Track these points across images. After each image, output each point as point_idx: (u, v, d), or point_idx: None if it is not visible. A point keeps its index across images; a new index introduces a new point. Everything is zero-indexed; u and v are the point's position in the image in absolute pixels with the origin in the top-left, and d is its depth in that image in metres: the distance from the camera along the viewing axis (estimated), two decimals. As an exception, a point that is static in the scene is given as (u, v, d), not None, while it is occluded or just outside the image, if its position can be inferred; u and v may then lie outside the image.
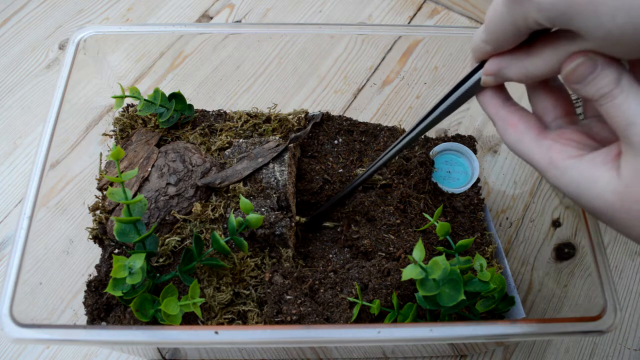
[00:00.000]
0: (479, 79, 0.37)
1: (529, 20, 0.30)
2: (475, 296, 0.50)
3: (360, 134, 0.67)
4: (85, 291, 0.55)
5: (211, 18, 0.91)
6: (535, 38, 0.33)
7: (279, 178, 0.57)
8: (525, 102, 0.39)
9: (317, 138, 0.66)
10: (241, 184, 0.57)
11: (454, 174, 0.68)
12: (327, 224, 0.61)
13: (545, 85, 0.37)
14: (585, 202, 0.32)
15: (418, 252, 0.44)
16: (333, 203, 0.60)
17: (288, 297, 0.50)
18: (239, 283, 0.53)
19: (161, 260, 0.54)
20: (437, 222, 0.52)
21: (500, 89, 0.38)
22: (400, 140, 0.49)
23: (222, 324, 0.52)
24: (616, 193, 0.30)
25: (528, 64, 0.33)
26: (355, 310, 0.49)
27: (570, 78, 0.31)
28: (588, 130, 0.35)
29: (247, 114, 0.66)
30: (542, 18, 0.29)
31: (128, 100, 0.66)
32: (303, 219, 0.59)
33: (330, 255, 0.59)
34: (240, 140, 0.62)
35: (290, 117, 0.66)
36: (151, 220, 0.54)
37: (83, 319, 0.54)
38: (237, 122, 0.65)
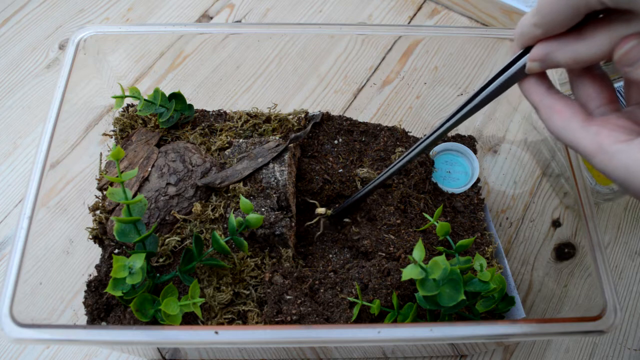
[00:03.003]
0: (523, 66, 0.37)
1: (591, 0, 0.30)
2: (475, 296, 0.50)
3: (360, 134, 0.67)
4: (85, 291, 0.55)
5: (211, 18, 0.91)
6: (585, 21, 0.32)
7: (279, 178, 0.57)
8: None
9: (317, 138, 0.66)
10: (241, 184, 0.57)
11: (454, 174, 0.68)
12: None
13: (589, 72, 0.37)
14: (634, 186, 0.32)
15: (418, 252, 0.44)
16: (361, 195, 0.59)
17: (288, 297, 0.50)
18: (239, 283, 0.53)
19: (161, 260, 0.54)
20: (437, 222, 0.52)
21: (543, 76, 0.38)
22: (440, 127, 0.47)
23: (222, 324, 0.52)
24: None
25: (579, 47, 0.33)
26: (355, 310, 0.49)
27: (622, 60, 0.31)
28: (632, 116, 0.35)
29: (247, 114, 0.66)
30: None
31: (128, 100, 0.66)
32: (329, 211, 0.59)
33: (330, 255, 0.59)
34: (240, 140, 0.62)
35: (290, 117, 0.66)
36: (151, 220, 0.54)
37: (83, 319, 0.54)
38: (237, 122, 0.65)
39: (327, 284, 0.53)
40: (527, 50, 0.37)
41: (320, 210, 0.59)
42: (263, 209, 0.55)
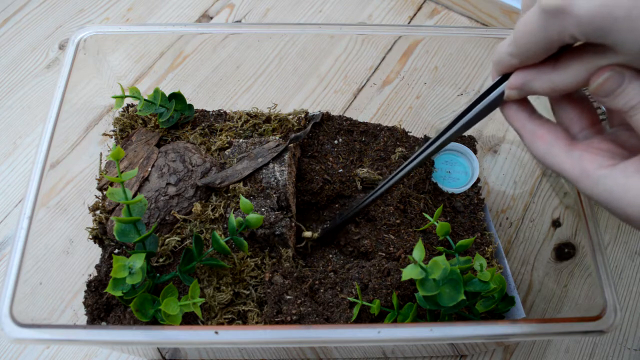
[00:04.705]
0: (502, 93, 0.37)
1: (564, 34, 0.30)
2: (475, 296, 0.50)
3: (360, 134, 0.67)
4: (85, 291, 0.55)
5: (211, 18, 0.91)
6: (561, 51, 0.33)
7: (279, 178, 0.57)
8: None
9: (317, 138, 0.66)
10: (241, 184, 0.57)
11: (454, 174, 0.68)
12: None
13: (569, 97, 0.37)
14: (619, 210, 0.32)
15: (418, 252, 0.44)
16: (346, 219, 0.58)
17: (288, 297, 0.50)
18: (239, 283, 0.53)
19: (161, 260, 0.54)
20: (437, 222, 0.52)
21: (524, 101, 0.38)
22: (417, 156, 0.48)
23: (222, 324, 0.52)
24: None
25: (555, 77, 0.33)
26: (355, 310, 0.49)
27: (598, 92, 0.32)
28: (615, 138, 0.35)
29: (247, 114, 0.66)
30: (579, 32, 0.29)
31: (128, 100, 0.66)
32: (316, 234, 0.59)
33: (330, 255, 0.59)
34: (240, 140, 0.62)
35: (290, 117, 0.66)
36: (151, 220, 0.54)
37: (83, 319, 0.54)
38: (237, 122, 0.65)
39: (327, 284, 0.53)
40: (505, 76, 0.37)
41: (307, 234, 0.59)
42: (263, 209, 0.55)
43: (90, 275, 0.56)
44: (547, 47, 0.32)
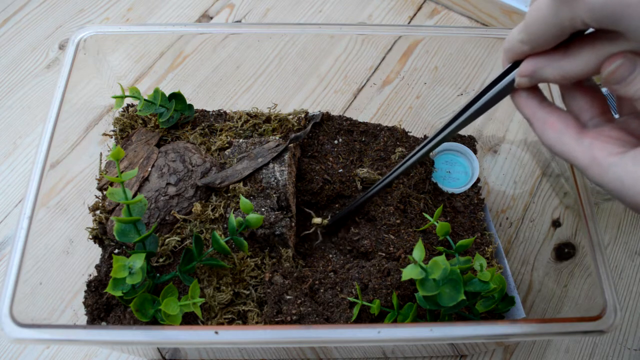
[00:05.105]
0: (512, 80, 0.37)
1: (576, 20, 0.30)
2: (475, 296, 0.50)
3: (360, 134, 0.67)
4: (85, 291, 0.55)
5: (211, 18, 0.91)
6: (571, 39, 0.33)
7: (279, 178, 0.57)
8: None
9: (317, 138, 0.66)
10: (241, 184, 0.57)
11: (454, 174, 0.68)
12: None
13: (580, 85, 0.37)
14: (629, 198, 0.32)
15: (418, 252, 0.44)
16: (357, 205, 0.59)
17: (288, 297, 0.50)
18: (239, 283, 0.53)
19: (161, 260, 0.54)
20: (437, 222, 0.52)
21: (534, 89, 0.38)
22: (428, 142, 0.48)
23: (222, 324, 0.52)
24: None
25: (565, 64, 0.33)
26: (355, 310, 0.49)
27: (610, 79, 0.31)
28: (625, 127, 0.35)
29: (247, 114, 0.66)
30: (590, 18, 0.29)
31: (128, 100, 0.66)
32: (325, 221, 0.59)
33: (330, 255, 0.59)
34: (240, 140, 0.62)
35: (290, 117, 0.66)
36: (151, 220, 0.54)
37: (83, 319, 0.54)
38: (237, 122, 0.65)
39: (327, 284, 0.53)
40: (516, 64, 0.37)
41: (317, 220, 0.59)
42: (263, 209, 0.55)
43: (90, 275, 0.56)
44: (559, 33, 0.32)
